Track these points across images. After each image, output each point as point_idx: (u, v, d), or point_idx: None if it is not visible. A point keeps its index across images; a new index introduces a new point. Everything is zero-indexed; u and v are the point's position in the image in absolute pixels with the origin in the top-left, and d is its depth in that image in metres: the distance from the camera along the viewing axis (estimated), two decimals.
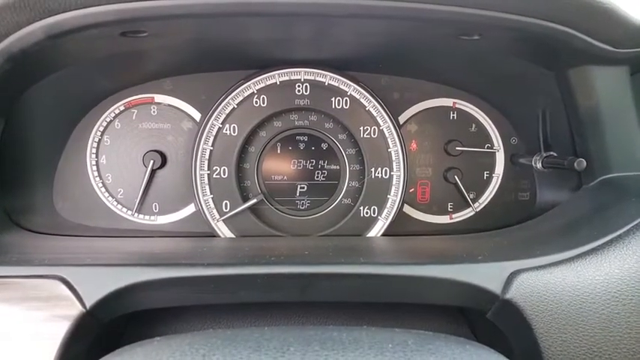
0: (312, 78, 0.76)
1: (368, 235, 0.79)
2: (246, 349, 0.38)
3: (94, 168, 0.79)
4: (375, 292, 0.56)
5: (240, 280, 0.54)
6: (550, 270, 0.55)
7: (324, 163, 0.80)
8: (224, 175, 0.77)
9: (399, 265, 0.57)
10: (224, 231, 0.77)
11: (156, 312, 0.60)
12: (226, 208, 0.77)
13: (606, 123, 0.69)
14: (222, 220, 0.77)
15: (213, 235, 0.77)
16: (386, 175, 0.79)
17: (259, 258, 0.58)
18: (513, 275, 0.54)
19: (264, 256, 0.58)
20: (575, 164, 0.67)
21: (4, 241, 0.66)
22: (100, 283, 0.52)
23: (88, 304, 0.51)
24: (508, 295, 0.53)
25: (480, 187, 0.84)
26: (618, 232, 0.57)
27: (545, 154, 0.75)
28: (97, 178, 0.79)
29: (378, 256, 0.65)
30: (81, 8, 0.51)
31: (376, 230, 0.79)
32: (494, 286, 0.54)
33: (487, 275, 0.55)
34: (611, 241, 0.56)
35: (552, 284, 0.54)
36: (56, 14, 0.52)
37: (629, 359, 0.51)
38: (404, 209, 0.83)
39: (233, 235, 0.77)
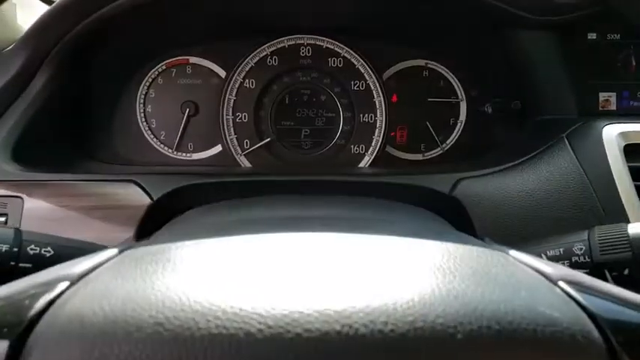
0: (312, 42, 0.97)
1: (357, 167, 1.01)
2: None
3: (142, 115, 1.00)
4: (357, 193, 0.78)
5: (259, 184, 0.76)
6: (484, 178, 0.76)
7: (323, 111, 1.01)
8: (244, 119, 0.99)
9: (375, 175, 0.79)
10: (245, 163, 0.99)
11: None
12: (246, 146, 0.99)
13: (538, 76, 0.89)
14: (244, 154, 0.99)
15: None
16: (372, 120, 1.00)
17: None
18: (458, 181, 0.76)
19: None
20: (512, 105, 0.88)
21: (85, 165, 0.88)
22: (161, 185, 0.74)
23: (155, 197, 0.73)
24: (454, 194, 0.75)
25: (447, 131, 1.04)
26: (533, 153, 0.78)
27: (494, 101, 0.96)
28: (145, 123, 1.00)
29: (362, 174, 0.87)
30: None
31: (363, 163, 1.00)
32: (445, 188, 0.76)
33: (441, 181, 0.77)
34: (529, 159, 0.77)
35: (485, 187, 0.75)
36: None
37: (535, 235, 0.72)
38: (386, 149, 1.04)
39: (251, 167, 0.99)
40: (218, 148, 1.01)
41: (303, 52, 0.98)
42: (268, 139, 0.98)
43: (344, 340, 0.26)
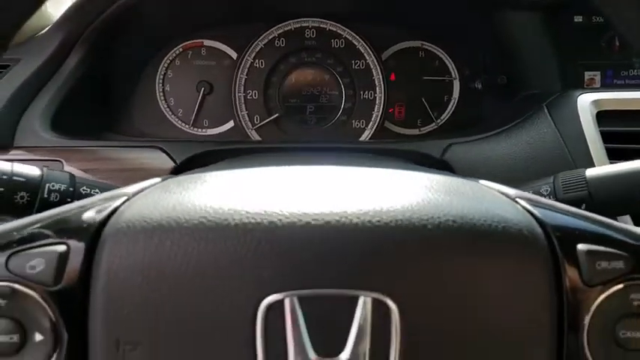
0: (317, 25, 1.06)
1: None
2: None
3: (161, 94, 1.09)
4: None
5: (271, 150, 0.85)
6: (472, 144, 0.84)
7: (326, 89, 1.09)
8: (255, 97, 1.07)
9: (373, 143, 0.87)
10: (255, 137, 1.08)
11: None
12: (257, 121, 1.08)
13: (526, 56, 0.97)
14: (254, 129, 1.07)
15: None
16: (371, 97, 1.09)
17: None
18: (448, 147, 0.85)
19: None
20: (498, 80, 0.96)
21: (111, 137, 0.97)
22: (184, 150, 0.83)
23: (178, 161, 0.82)
24: (444, 158, 0.84)
25: (442, 107, 1.12)
26: (517, 121, 0.86)
27: (483, 77, 1.04)
28: (164, 101, 1.09)
29: (362, 143, 0.96)
30: None
31: (364, 137, 1.09)
32: (436, 153, 0.85)
33: (432, 146, 0.86)
34: (512, 126, 0.85)
35: (473, 152, 0.83)
36: None
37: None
38: (385, 124, 1.12)
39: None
40: (231, 124, 1.10)
41: (308, 35, 1.06)
42: (276, 115, 1.07)
43: (342, 226, 0.34)
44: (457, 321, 0.34)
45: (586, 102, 0.80)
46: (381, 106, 1.08)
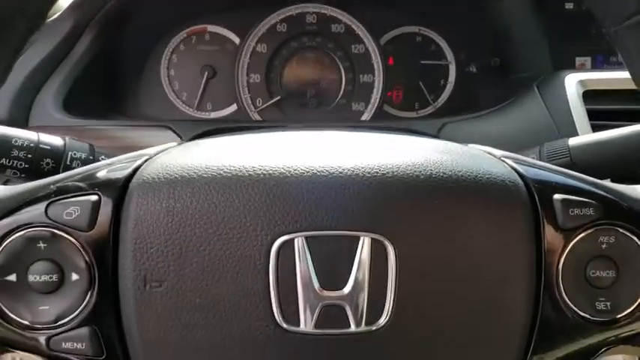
0: (317, 10, 1.10)
1: None
2: None
3: (166, 78, 1.12)
4: None
5: (274, 128, 0.89)
6: (467, 122, 0.89)
7: (327, 73, 1.13)
8: (257, 80, 1.11)
9: (371, 122, 0.92)
10: (258, 119, 1.12)
11: None
12: (259, 104, 1.12)
13: (518, 41, 1.02)
14: (257, 111, 1.11)
15: None
16: (370, 80, 1.13)
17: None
18: (443, 125, 0.89)
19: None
20: (492, 62, 1.01)
21: (119, 119, 1.02)
22: (192, 129, 0.87)
23: (186, 139, 0.86)
24: (439, 136, 0.88)
25: (438, 91, 1.16)
26: (509, 100, 0.91)
27: (478, 61, 1.09)
28: (169, 85, 1.13)
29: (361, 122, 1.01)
30: None
31: (363, 119, 1.13)
32: (431, 131, 0.89)
33: (428, 125, 0.90)
34: (505, 105, 0.90)
35: (467, 129, 0.88)
36: None
37: None
38: (383, 108, 1.16)
39: None
40: (234, 107, 1.13)
41: (308, 20, 1.10)
42: (278, 98, 1.11)
43: (345, 177, 0.39)
44: (447, 259, 0.38)
45: (573, 81, 0.85)
46: (380, 89, 1.12)
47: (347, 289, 0.37)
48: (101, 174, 0.41)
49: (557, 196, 0.40)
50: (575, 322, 0.40)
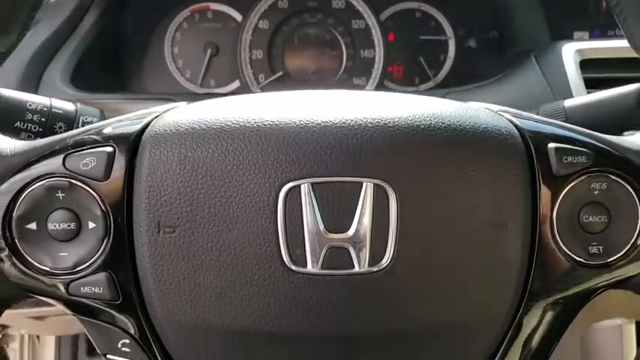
0: None
1: None
2: None
3: (170, 56, 1.14)
4: None
5: None
6: (467, 92, 0.91)
7: (328, 49, 1.15)
8: (260, 56, 1.13)
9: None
10: None
11: None
12: (261, 80, 1.13)
13: (517, 16, 1.03)
14: (259, 87, 1.13)
15: None
16: (371, 55, 1.14)
17: None
18: (444, 95, 0.90)
19: None
20: (490, 35, 1.02)
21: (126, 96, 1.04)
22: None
23: None
24: None
25: (438, 66, 1.18)
26: (508, 71, 0.92)
27: (477, 35, 1.10)
28: (172, 63, 1.14)
29: None
30: None
31: None
32: None
33: (430, 95, 0.92)
34: (504, 75, 0.91)
35: (468, 99, 0.88)
36: None
37: None
38: (384, 83, 1.18)
39: None
40: (237, 84, 1.15)
41: None
42: (280, 73, 1.13)
43: (349, 127, 0.40)
44: (446, 205, 0.40)
45: (570, 51, 0.86)
46: (381, 64, 1.13)
47: (351, 232, 0.39)
48: (115, 127, 0.43)
49: (551, 145, 0.42)
50: (569, 266, 0.42)
